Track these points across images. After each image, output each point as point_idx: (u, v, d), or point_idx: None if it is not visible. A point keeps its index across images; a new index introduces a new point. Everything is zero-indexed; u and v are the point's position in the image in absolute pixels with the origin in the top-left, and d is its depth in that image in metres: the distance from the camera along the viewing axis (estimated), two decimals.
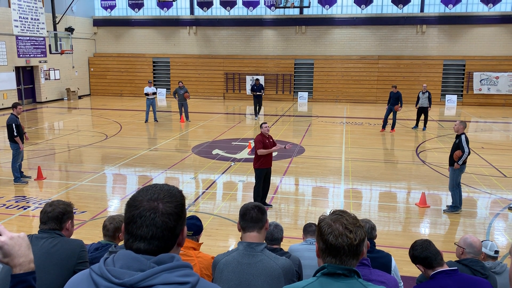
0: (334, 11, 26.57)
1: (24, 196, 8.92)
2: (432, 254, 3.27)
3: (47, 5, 23.81)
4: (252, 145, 13.69)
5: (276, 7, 24.78)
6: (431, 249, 3.30)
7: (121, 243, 4.17)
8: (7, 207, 8.26)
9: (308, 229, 4.62)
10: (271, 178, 8.53)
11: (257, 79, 19.82)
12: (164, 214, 1.41)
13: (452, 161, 8.12)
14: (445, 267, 3.25)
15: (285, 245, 4.32)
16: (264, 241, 2.94)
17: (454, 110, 23.60)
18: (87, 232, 7.05)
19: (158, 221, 1.40)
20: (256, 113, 19.57)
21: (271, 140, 8.14)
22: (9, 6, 21.60)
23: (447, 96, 25.43)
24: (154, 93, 17.88)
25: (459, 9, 25.36)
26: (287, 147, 8.43)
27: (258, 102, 19.31)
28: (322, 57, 26.82)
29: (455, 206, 8.11)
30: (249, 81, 27.12)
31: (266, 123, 8.23)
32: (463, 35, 25.34)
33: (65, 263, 3.16)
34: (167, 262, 1.38)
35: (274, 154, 8.56)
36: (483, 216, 8.22)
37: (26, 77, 24.20)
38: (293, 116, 20.91)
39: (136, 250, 1.41)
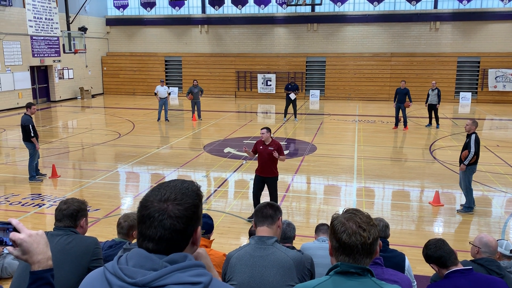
0: (346, 8, 26.40)
1: (39, 194, 9.05)
2: (446, 254, 3.24)
3: (61, 5, 24.08)
4: None
5: (287, 5, 24.70)
6: (445, 248, 3.27)
7: (135, 241, 4.21)
8: (22, 205, 8.39)
9: (320, 228, 4.62)
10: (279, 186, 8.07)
11: (292, 77, 19.42)
12: (172, 217, 1.38)
13: (461, 161, 8.01)
14: (460, 267, 3.21)
15: (297, 244, 4.32)
16: (276, 236, 2.98)
17: (468, 108, 23.30)
18: (101, 230, 7.12)
19: (166, 223, 1.38)
20: (286, 115, 18.53)
21: (269, 148, 7.36)
22: (24, 7, 21.90)
23: (461, 93, 25.11)
24: (169, 94, 18.01)
25: (473, 5, 25.00)
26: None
27: (291, 102, 18.07)
28: (334, 55, 26.68)
29: (469, 207, 8.00)
30: (260, 79, 27.13)
31: (263, 128, 7.46)
32: (478, 32, 24.98)
33: (80, 260, 3.20)
34: (180, 262, 1.37)
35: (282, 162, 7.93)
36: (498, 215, 8.11)
37: (40, 77, 24.52)
38: (305, 114, 20.85)
39: (146, 249, 1.40)
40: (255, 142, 8.02)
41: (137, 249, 1.43)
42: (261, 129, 7.53)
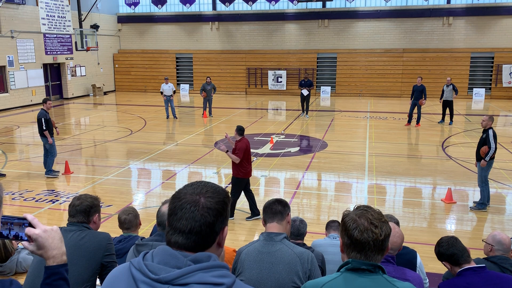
0: (357, 4, 26.20)
1: (53, 190, 9.17)
2: (458, 251, 3.21)
3: (73, 3, 24.30)
4: (275, 140, 13.68)
5: (298, 1, 24.58)
6: (457, 246, 3.25)
7: (144, 234, 4.26)
8: (36, 201, 8.52)
9: (331, 224, 4.61)
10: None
11: (307, 73, 19.30)
12: (204, 208, 1.41)
13: (479, 157, 7.93)
14: (472, 264, 3.19)
15: (308, 240, 4.32)
16: (285, 233, 3.00)
17: (481, 104, 22.99)
18: (113, 225, 7.18)
19: (197, 215, 1.40)
20: (304, 110, 18.56)
21: (233, 147, 7.47)
22: (37, 5, 22.13)
23: (474, 89, 24.78)
24: (174, 92, 18.07)
25: None
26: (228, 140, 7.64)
27: (304, 98, 18.26)
28: (345, 51, 26.52)
29: (482, 203, 7.92)
30: (271, 75, 27.08)
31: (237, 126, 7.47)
32: (492, 27, 24.60)
33: (93, 255, 3.24)
34: (204, 261, 1.38)
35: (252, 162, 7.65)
36: None
37: (53, 74, 24.79)
38: (316, 110, 20.77)
39: (174, 243, 1.42)
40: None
41: (163, 246, 1.45)
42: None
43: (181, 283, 1.33)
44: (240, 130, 7.37)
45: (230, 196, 1.53)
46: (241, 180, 7.44)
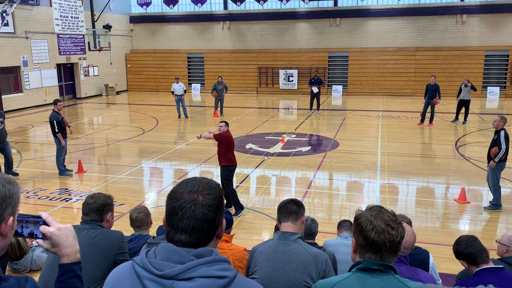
0: (369, 2, 26.01)
1: (66, 189, 9.28)
2: (476, 251, 3.18)
3: (86, 4, 24.55)
4: (286, 139, 13.66)
5: (309, 0, 24.48)
6: (476, 246, 3.21)
7: (153, 231, 4.29)
8: (50, 199, 8.62)
9: (342, 224, 4.59)
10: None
11: (315, 72, 19.49)
12: (204, 206, 1.44)
13: (490, 158, 7.80)
14: (491, 265, 3.15)
15: (319, 240, 4.31)
16: (299, 233, 2.99)
17: (496, 103, 22.67)
18: (126, 224, 7.22)
19: (198, 213, 1.43)
20: (312, 108, 18.93)
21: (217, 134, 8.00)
22: (51, 6, 22.40)
23: (488, 88, 24.43)
24: (185, 91, 18.16)
25: None
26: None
27: (315, 96, 18.55)
28: (357, 50, 26.36)
29: (497, 204, 7.81)
30: (282, 75, 27.04)
31: (221, 122, 7.93)
32: (506, 24, 24.23)
33: (106, 254, 3.27)
34: (206, 256, 1.41)
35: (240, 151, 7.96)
36: None
37: (66, 74, 25.07)
38: (327, 110, 20.68)
39: (178, 242, 1.45)
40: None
41: (165, 243, 1.47)
42: (220, 122, 8.01)
43: (186, 278, 1.36)
44: (227, 123, 7.99)
45: (223, 189, 1.56)
46: (230, 167, 7.75)
